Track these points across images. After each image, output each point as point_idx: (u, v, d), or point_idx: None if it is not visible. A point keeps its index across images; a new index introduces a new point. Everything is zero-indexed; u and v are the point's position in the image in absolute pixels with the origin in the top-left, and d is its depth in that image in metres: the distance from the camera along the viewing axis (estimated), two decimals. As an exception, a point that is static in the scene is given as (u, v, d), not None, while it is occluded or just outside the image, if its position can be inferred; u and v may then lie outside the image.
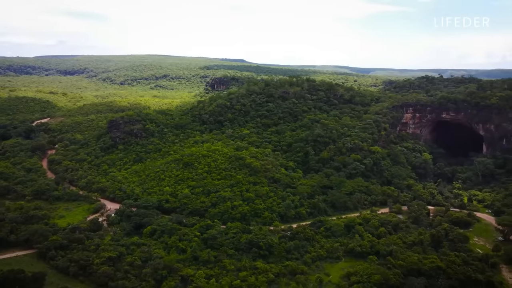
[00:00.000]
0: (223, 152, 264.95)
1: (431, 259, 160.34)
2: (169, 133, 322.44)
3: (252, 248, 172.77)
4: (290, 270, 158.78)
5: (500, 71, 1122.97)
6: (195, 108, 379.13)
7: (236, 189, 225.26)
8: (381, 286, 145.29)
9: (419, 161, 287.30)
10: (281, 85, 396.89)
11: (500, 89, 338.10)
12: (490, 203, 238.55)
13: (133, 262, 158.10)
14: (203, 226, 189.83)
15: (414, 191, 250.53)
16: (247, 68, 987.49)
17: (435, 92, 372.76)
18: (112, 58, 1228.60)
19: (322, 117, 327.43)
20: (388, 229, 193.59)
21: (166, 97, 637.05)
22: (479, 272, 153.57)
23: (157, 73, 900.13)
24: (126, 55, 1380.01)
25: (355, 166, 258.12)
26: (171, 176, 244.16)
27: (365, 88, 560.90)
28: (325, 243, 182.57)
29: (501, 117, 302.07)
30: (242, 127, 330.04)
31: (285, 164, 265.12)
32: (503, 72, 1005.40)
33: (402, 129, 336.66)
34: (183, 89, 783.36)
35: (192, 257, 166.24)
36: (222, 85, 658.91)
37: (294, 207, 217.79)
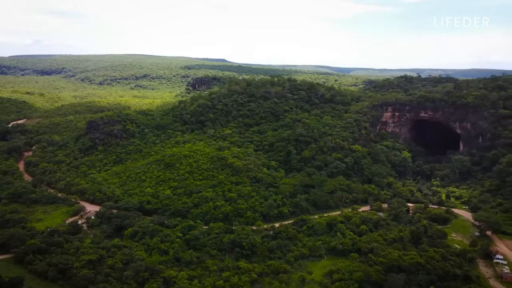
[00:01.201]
0: (205, 152, 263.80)
1: (411, 255, 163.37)
2: (150, 133, 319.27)
3: (235, 248, 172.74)
4: (273, 269, 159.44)
5: (476, 70, 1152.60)
6: (176, 108, 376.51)
7: (218, 189, 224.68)
8: (363, 283, 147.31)
9: (398, 159, 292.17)
10: (263, 84, 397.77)
11: (476, 88, 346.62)
12: (467, 199, 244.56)
13: (114, 265, 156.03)
14: (185, 227, 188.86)
15: (394, 188, 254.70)
16: (228, 68, 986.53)
17: (414, 91, 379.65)
18: (90, 58, 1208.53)
19: (303, 116, 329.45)
20: (369, 227, 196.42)
21: (147, 97, 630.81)
22: (457, 267, 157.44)
23: (137, 73, 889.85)
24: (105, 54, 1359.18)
25: (336, 165, 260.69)
26: (152, 177, 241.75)
27: (346, 88, 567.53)
28: (307, 242, 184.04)
29: (477, 116, 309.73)
30: (224, 127, 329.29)
31: (267, 163, 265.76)
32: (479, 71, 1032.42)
33: (382, 128, 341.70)
34: (164, 89, 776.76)
35: (174, 258, 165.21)
36: (204, 85, 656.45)
37: (277, 206, 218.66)
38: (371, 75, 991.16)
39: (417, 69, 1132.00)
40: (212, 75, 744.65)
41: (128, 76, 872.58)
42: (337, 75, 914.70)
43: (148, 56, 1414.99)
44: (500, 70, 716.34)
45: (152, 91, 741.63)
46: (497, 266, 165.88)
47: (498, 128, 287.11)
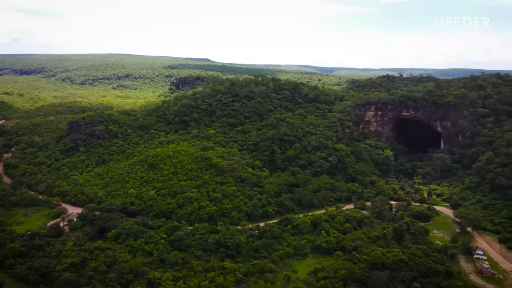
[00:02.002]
0: (189, 152, 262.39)
1: (394, 253, 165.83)
2: (133, 134, 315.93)
3: (220, 248, 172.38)
4: (258, 269, 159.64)
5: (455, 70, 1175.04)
6: (160, 108, 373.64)
7: (202, 190, 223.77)
8: (347, 281, 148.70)
9: (381, 158, 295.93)
10: (247, 84, 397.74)
11: (456, 87, 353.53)
12: (448, 196, 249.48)
13: (97, 267, 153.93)
14: (170, 228, 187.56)
15: (377, 187, 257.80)
16: (212, 68, 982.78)
17: (396, 90, 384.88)
18: (71, 57, 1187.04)
19: (287, 116, 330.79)
20: (353, 225, 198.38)
21: (129, 97, 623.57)
22: (439, 263, 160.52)
23: (119, 72, 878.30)
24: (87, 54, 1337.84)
25: (320, 164, 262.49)
26: (136, 178, 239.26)
27: (329, 87, 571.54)
28: (292, 241, 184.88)
29: (457, 115, 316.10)
30: (208, 127, 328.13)
31: (251, 163, 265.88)
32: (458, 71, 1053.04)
33: (365, 127, 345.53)
34: (147, 88, 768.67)
35: (159, 259, 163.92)
36: (187, 85, 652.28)
37: (261, 206, 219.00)
38: (354, 75, 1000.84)
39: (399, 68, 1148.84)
40: (196, 74, 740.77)
41: (110, 76, 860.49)
42: (320, 75, 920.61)
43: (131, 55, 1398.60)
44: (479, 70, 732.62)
45: (135, 91, 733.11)
46: (477, 261, 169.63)
47: (477, 126, 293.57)
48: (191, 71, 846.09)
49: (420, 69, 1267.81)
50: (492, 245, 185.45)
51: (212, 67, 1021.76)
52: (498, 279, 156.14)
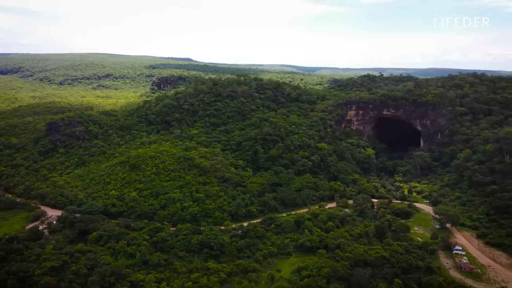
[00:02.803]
0: (171, 152, 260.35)
1: (376, 250, 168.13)
2: (114, 134, 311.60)
3: (203, 248, 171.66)
4: (242, 269, 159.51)
5: (434, 70, 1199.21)
6: (141, 108, 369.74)
7: (185, 190, 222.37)
8: (330, 279, 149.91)
9: (363, 156, 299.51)
10: (229, 84, 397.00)
11: (435, 87, 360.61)
12: (428, 194, 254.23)
13: (78, 271, 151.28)
14: (152, 229, 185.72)
15: (359, 185, 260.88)
16: (194, 67, 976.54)
17: (377, 90, 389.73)
18: (50, 57, 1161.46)
19: (270, 115, 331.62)
20: (335, 223, 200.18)
21: (110, 97, 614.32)
22: (420, 259, 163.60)
23: (99, 72, 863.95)
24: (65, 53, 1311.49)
25: (303, 163, 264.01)
26: (117, 179, 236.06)
27: (311, 87, 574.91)
28: (276, 240, 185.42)
29: (436, 113, 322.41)
30: (190, 127, 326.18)
31: (234, 163, 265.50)
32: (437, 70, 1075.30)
33: (347, 126, 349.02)
34: (127, 88, 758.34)
35: (141, 261, 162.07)
36: (169, 85, 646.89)
37: (245, 205, 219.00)
38: (336, 74, 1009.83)
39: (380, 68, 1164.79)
40: (178, 74, 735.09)
41: (90, 75, 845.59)
42: (302, 74, 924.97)
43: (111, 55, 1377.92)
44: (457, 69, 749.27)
45: (116, 91, 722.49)
46: (456, 257, 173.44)
47: (455, 124, 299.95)
48: (173, 70, 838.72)
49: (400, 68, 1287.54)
50: (470, 241, 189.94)
51: (194, 66, 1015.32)
52: (476, 273, 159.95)
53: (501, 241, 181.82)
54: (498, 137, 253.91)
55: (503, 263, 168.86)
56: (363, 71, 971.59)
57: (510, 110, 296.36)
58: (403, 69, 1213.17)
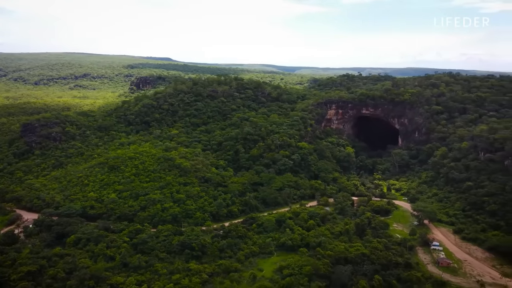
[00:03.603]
0: (151, 153, 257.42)
1: (356, 247, 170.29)
2: (92, 135, 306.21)
3: (184, 249, 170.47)
4: (224, 269, 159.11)
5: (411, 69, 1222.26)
6: (120, 108, 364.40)
7: (166, 191, 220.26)
8: (312, 276, 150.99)
9: (343, 155, 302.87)
10: (210, 84, 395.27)
11: (412, 86, 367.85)
12: (406, 191, 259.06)
13: (56, 275, 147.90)
14: (132, 231, 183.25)
15: (339, 183, 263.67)
16: (174, 67, 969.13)
17: (356, 89, 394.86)
18: (24, 56, 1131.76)
19: (251, 115, 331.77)
20: (316, 221, 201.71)
21: (88, 98, 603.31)
22: (399, 256, 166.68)
23: (76, 72, 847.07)
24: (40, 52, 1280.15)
25: (284, 162, 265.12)
26: (96, 180, 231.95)
27: (291, 86, 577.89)
28: (257, 239, 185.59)
29: (413, 112, 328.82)
30: (170, 127, 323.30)
31: (215, 163, 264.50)
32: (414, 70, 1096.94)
33: (327, 125, 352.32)
34: (106, 88, 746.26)
35: (121, 264, 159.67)
36: (148, 85, 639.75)
37: (226, 205, 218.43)
38: (315, 74, 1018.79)
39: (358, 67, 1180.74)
40: (157, 74, 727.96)
41: (67, 75, 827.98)
42: (282, 74, 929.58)
43: (88, 54, 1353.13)
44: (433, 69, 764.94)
45: (93, 91, 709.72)
46: (434, 252, 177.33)
47: (432, 123, 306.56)
48: (152, 70, 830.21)
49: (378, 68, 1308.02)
50: (447, 236, 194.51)
51: (174, 66, 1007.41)
52: (453, 268, 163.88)
53: (476, 236, 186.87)
54: (473, 135, 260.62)
55: (479, 257, 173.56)
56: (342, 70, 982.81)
57: (484, 108, 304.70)
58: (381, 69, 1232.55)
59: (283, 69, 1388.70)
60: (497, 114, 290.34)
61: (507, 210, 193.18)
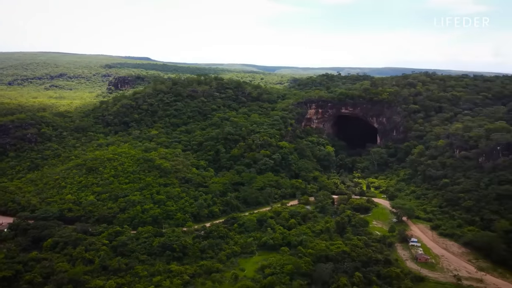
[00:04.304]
0: (131, 154, 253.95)
1: (337, 245, 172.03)
2: (69, 136, 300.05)
3: (165, 251, 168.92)
4: (206, 270, 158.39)
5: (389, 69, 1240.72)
6: (98, 109, 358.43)
7: (146, 192, 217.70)
8: (293, 275, 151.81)
9: (323, 154, 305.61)
10: (189, 83, 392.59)
11: (390, 85, 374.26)
12: (385, 188, 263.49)
13: (33, 280, 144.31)
14: (112, 233, 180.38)
15: (319, 182, 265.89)
16: (153, 67, 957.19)
17: (335, 88, 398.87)
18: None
19: (231, 115, 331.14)
20: (297, 220, 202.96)
21: (64, 98, 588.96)
22: (378, 252, 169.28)
23: (52, 72, 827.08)
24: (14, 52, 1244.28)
25: (265, 161, 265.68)
26: (73, 182, 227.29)
27: (272, 86, 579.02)
28: (239, 239, 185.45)
29: (391, 111, 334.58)
30: (149, 127, 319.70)
31: (196, 163, 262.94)
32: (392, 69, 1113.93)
33: (307, 124, 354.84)
34: (83, 89, 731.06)
35: (100, 267, 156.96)
36: (127, 85, 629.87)
37: (207, 206, 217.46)
38: (295, 74, 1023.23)
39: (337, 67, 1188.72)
40: (136, 74, 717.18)
41: (42, 75, 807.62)
42: (263, 74, 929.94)
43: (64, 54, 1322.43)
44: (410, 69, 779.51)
45: (70, 92, 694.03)
46: (413, 248, 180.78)
47: (409, 121, 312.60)
48: (130, 70, 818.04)
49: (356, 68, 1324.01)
50: (425, 232, 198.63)
51: (153, 66, 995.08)
52: (431, 263, 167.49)
53: (453, 231, 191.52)
54: (449, 133, 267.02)
55: (455, 252, 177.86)
56: (322, 70, 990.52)
57: (459, 107, 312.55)
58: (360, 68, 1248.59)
59: (263, 68, 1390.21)
60: (471, 112, 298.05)
61: (481, 206, 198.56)
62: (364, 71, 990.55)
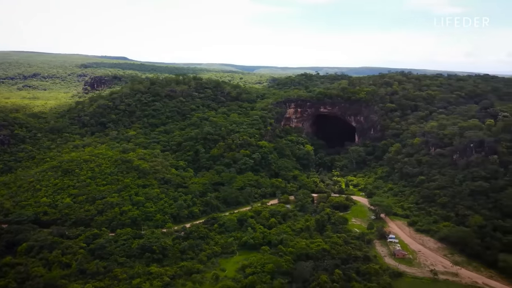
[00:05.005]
0: (108, 155, 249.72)
1: (317, 243, 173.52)
2: (43, 138, 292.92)
3: (145, 253, 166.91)
4: (186, 271, 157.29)
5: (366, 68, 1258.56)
6: (73, 109, 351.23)
7: (124, 194, 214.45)
8: (274, 274, 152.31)
9: (302, 153, 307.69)
10: (168, 83, 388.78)
11: (367, 84, 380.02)
12: (363, 186, 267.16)
13: (7, 286, 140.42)
14: (89, 236, 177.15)
15: (299, 181, 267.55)
16: (130, 66, 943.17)
17: (314, 88, 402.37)
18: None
19: (210, 114, 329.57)
20: (278, 219, 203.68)
21: (38, 98, 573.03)
22: (358, 249, 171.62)
23: (25, 71, 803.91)
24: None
25: (244, 161, 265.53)
26: (49, 185, 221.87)
27: (251, 85, 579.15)
28: (219, 239, 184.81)
29: (369, 110, 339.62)
30: (127, 128, 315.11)
31: (175, 164, 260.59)
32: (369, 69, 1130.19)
33: (286, 123, 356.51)
34: (58, 89, 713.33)
35: (78, 270, 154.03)
36: (103, 85, 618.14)
37: (187, 206, 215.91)
38: (274, 73, 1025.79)
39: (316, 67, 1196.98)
40: (113, 74, 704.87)
41: (15, 75, 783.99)
42: (242, 73, 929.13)
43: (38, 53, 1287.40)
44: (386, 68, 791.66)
45: (44, 92, 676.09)
46: (391, 244, 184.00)
47: (386, 120, 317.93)
48: (107, 70, 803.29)
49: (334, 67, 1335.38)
50: (402, 229, 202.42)
51: (130, 65, 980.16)
52: (409, 259, 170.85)
53: (429, 227, 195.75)
54: (424, 131, 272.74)
55: (432, 247, 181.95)
56: (300, 70, 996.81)
57: (434, 105, 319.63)
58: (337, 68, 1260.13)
59: (242, 68, 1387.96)
60: (445, 111, 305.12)
61: (456, 202, 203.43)
62: (342, 70, 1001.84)
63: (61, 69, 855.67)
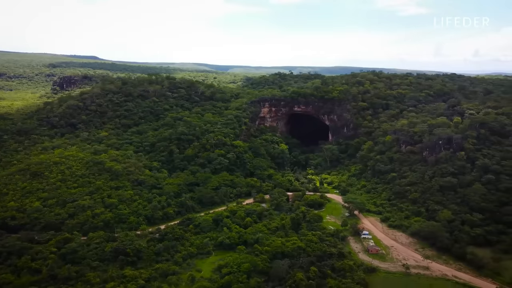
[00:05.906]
0: (79, 157, 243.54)
1: (292, 241, 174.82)
2: (10, 140, 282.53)
3: (118, 256, 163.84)
4: (161, 273, 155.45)
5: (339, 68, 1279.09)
6: (42, 110, 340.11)
7: (96, 196, 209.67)
8: (251, 273, 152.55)
9: (277, 152, 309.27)
10: (140, 83, 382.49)
11: (340, 83, 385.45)
12: (337, 184, 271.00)
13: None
14: (60, 240, 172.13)
15: (274, 179, 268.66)
16: (101, 66, 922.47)
17: (287, 87, 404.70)
18: None
19: (184, 114, 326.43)
20: (253, 218, 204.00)
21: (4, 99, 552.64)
22: (332, 246, 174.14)
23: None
24: None
25: (219, 161, 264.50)
26: (17, 189, 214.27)
27: (225, 85, 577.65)
28: (195, 240, 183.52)
29: (342, 109, 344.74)
30: (99, 129, 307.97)
31: (149, 164, 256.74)
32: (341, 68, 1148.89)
33: (261, 122, 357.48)
34: (24, 89, 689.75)
35: (49, 276, 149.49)
36: (73, 85, 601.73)
37: (161, 207, 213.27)
38: (248, 73, 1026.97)
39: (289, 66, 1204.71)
40: (83, 73, 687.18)
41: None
42: (216, 73, 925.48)
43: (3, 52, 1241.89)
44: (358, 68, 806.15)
45: (10, 92, 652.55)
46: (364, 241, 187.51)
47: (359, 118, 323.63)
48: (76, 69, 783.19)
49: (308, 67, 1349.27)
50: (375, 225, 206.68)
51: (101, 65, 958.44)
52: (382, 254, 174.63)
53: (401, 223, 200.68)
54: (395, 129, 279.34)
55: (404, 242, 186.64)
56: (274, 69, 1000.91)
57: (404, 104, 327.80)
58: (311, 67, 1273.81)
59: (216, 68, 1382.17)
60: (415, 109, 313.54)
61: (426, 197, 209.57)
62: (315, 70, 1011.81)
63: (28, 68, 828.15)
